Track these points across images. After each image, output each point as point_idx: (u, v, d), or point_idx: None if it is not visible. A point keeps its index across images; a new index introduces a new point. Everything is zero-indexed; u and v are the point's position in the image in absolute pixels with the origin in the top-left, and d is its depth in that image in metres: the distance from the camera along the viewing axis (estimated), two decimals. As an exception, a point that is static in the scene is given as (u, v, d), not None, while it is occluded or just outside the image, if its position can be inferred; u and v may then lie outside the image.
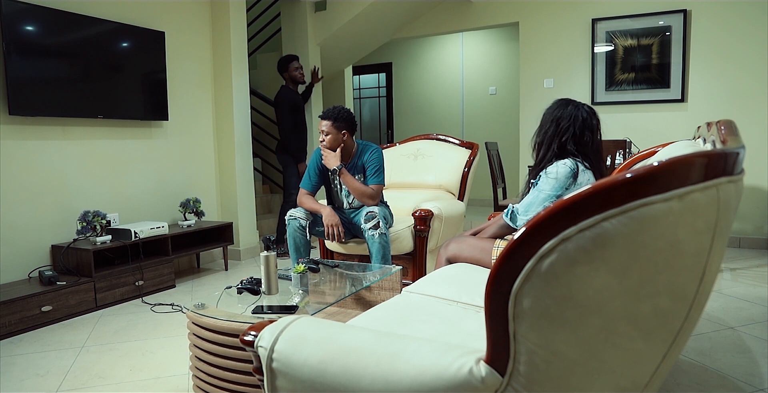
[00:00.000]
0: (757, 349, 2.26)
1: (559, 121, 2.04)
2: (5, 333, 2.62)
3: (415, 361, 0.94)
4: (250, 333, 1.14)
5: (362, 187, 2.86)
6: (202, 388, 1.80)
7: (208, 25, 4.16)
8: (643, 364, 0.88)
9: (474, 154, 3.49)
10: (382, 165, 2.94)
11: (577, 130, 2.01)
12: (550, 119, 2.07)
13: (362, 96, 7.85)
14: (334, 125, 2.83)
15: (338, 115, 2.84)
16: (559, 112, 2.05)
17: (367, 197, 2.86)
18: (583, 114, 2.03)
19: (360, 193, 2.86)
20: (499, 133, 6.54)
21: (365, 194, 2.85)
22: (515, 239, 0.79)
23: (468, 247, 2.17)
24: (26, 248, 3.05)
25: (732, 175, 0.81)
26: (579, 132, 2.01)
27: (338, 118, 2.83)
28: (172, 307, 3.06)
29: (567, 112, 2.03)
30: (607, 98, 4.66)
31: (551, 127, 2.06)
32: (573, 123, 2.01)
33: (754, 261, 3.83)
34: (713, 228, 0.81)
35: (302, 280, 2.18)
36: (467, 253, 2.16)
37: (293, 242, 2.86)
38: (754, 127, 4.14)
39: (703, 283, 0.85)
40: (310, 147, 4.95)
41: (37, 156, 3.10)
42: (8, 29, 2.85)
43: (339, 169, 2.83)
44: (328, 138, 2.85)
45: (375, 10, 4.84)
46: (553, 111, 2.07)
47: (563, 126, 2.02)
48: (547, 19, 4.87)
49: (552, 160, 2.03)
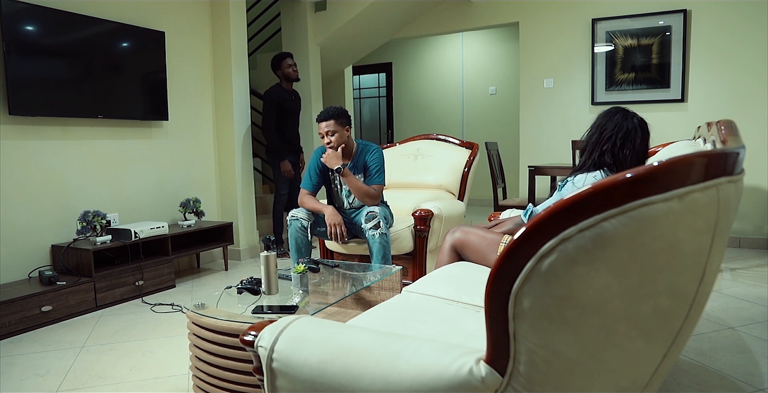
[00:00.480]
0: (757, 349, 2.26)
1: (603, 130, 2.00)
2: (5, 333, 2.62)
3: (415, 361, 0.94)
4: (250, 333, 1.14)
5: (364, 187, 2.86)
6: (202, 388, 1.80)
7: (208, 25, 4.16)
8: (643, 364, 0.88)
9: (474, 154, 3.49)
10: (383, 165, 2.95)
11: (618, 141, 1.96)
12: (596, 125, 2.03)
13: (362, 96, 7.86)
14: (337, 123, 2.85)
15: (336, 112, 2.86)
16: (605, 120, 2.01)
17: (369, 197, 2.86)
18: (629, 125, 1.97)
19: (362, 193, 2.86)
20: (499, 133, 6.54)
21: (368, 194, 2.86)
22: (515, 239, 0.79)
23: (476, 237, 2.17)
24: (26, 248, 3.05)
25: (732, 175, 0.81)
26: (620, 143, 1.96)
27: (337, 115, 2.86)
28: (172, 307, 3.06)
29: (613, 122, 1.99)
30: (607, 98, 4.67)
31: (595, 133, 2.02)
32: (616, 133, 1.96)
33: (754, 261, 3.83)
34: (713, 228, 0.81)
35: (302, 280, 2.18)
36: (474, 243, 2.16)
37: (294, 242, 2.85)
38: (754, 127, 4.14)
39: (703, 283, 0.85)
40: (308, 148, 4.95)
41: (37, 156, 3.10)
42: (8, 29, 2.85)
43: (341, 169, 2.83)
44: (335, 137, 2.86)
45: (375, 10, 4.84)
46: (602, 117, 2.03)
47: (606, 135, 1.98)
48: (547, 19, 4.87)
49: (590, 169, 2.01)
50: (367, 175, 2.93)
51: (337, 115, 2.85)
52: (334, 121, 2.84)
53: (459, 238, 2.21)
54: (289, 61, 4.35)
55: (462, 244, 2.19)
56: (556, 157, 4.88)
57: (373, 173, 2.92)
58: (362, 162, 2.96)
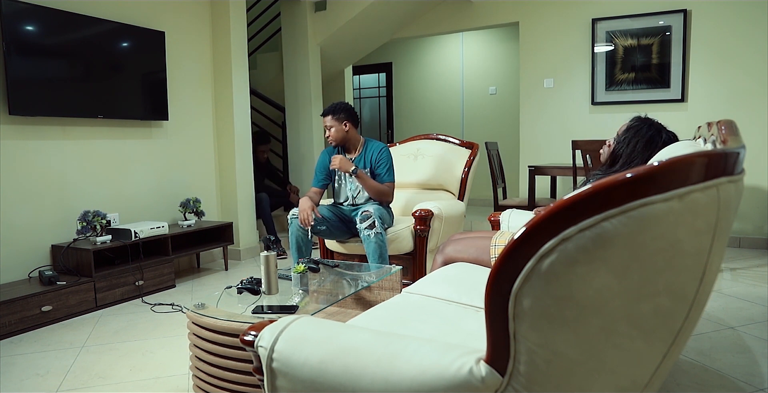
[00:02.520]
0: (757, 349, 2.26)
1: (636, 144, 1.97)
2: (5, 333, 2.62)
3: (415, 361, 0.94)
4: (250, 333, 1.14)
5: (378, 185, 2.95)
6: (202, 388, 1.80)
7: (208, 25, 4.16)
8: (643, 364, 0.88)
9: (474, 154, 3.49)
10: (392, 163, 3.04)
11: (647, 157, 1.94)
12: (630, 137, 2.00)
13: (362, 96, 7.85)
14: (334, 118, 2.95)
15: (335, 107, 2.96)
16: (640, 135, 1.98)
17: (383, 195, 2.96)
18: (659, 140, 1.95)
19: (377, 192, 2.95)
20: (499, 133, 6.54)
21: (382, 193, 2.96)
22: (515, 239, 0.79)
23: (464, 247, 2.17)
24: (26, 248, 3.05)
25: (732, 175, 0.81)
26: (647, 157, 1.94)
27: (336, 110, 2.95)
28: (172, 307, 3.06)
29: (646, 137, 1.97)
30: (607, 98, 4.66)
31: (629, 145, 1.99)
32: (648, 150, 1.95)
33: (754, 261, 3.83)
34: (713, 228, 0.81)
35: (302, 280, 2.18)
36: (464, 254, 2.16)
37: (295, 241, 2.90)
38: (754, 127, 4.14)
39: (704, 283, 0.85)
40: (309, 149, 4.95)
41: (37, 156, 3.10)
42: (8, 29, 2.85)
43: (356, 172, 2.90)
44: (332, 131, 2.97)
45: (375, 10, 4.84)
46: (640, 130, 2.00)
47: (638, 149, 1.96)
48: (547, 19, 4.87)
49: None
50: (377, 174, 3.00)
51: (334, 111, 2.96)
52: (331, 116, 2.96)
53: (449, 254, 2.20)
54: None
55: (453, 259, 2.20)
56: (556, 157, 4.88)
57: (384, 172, 2.99)
58: (368, 157, 3.03)
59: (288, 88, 5.19)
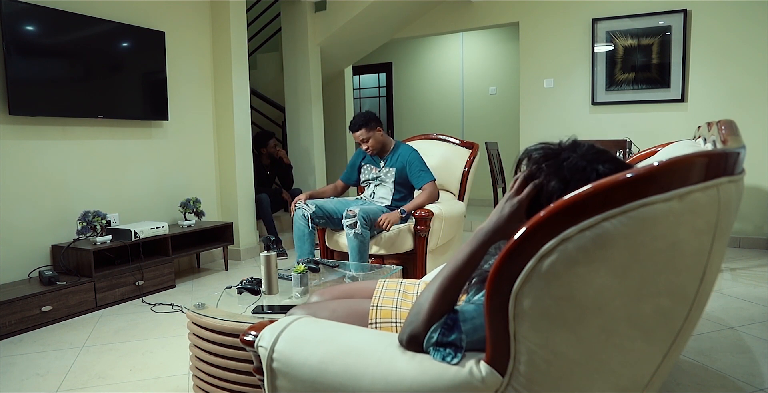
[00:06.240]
0: (757, 349, 2.26)
1: None
2: (5, 333, 2.62)
3: (416, 361, 0.94)
4: (251, 333, 1.14)
5: (424, 199, 3.03)
6: (202, 388, 1.80)
7: (208, 25, 4.16)
8: (643, 364, 0.88)
9: (474, 154, 3.49)
10: (423, 162, 3.15)
11: None
12: None
13: (362, 96, 7.85)
14: (368, 130, 3.08)
15: (365, 119, 3.08)
16: None
17: (431, 200, 3.06)
18: None
19: (426, 202, 3.03)
20: (499, 133, 6.54)
21: (429, 199, 3.05)
22: (515, 239, 0.79)
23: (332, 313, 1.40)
24: (26, 248, 3.05)
25: (733, 175, 0.81)
26: None
27: (365, 122, 3.07)
28: (172, 307, 3.06)
29: None
30: (607, 98, 4.66)
31: None
32: None
33: (754, 261, 3.83)
34: (714, 228, 0.81)
35: (302, 280, 2.18)
36: None
37: (297, 230, 3.02)
38: (754, 127, 4.14)
39: (704, 283, 0.85)
40: (310, 150, 4.93)
41: (37, 156, 3.10)
42: (8, 29, 2.85)
43: (404, 212, 2.96)
44: (370, 142, 3.11)
45: (375, 10, 4.84)
46: None
47: None
48: (547, 19, 4.87)
49: None
50: (412, 173, 3.11)
51: (365, 123, 3.07)
52: (364, 129, 3.08)
53: None
54: None
55: None
56: (556, 157, 4.87)
57: (420, 173, 3.10)
58: (399, 158, 3.15)
59: (288, 88, 5.18)
